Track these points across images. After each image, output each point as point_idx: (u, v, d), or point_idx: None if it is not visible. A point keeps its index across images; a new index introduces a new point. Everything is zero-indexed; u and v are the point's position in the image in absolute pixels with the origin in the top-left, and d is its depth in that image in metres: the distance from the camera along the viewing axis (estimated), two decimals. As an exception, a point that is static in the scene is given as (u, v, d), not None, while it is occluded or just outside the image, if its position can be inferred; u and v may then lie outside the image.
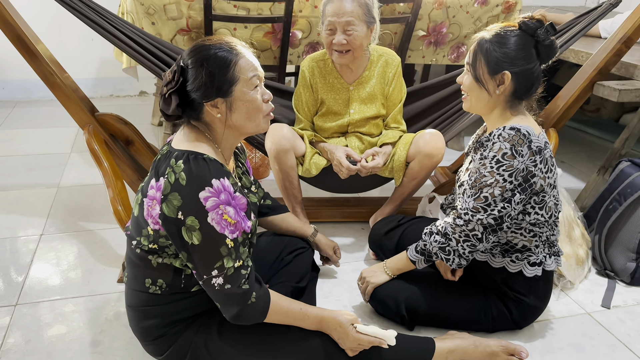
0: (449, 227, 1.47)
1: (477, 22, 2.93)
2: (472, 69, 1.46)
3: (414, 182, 2.03)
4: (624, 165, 2.02)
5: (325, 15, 1.90)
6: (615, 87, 2.02)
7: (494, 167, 1.39)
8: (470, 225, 1.43)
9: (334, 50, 1.92)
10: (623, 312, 1.77)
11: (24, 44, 1.83)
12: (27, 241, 2.05)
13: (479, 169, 1.43)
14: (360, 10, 1.86)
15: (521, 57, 1.41)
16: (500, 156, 1.39)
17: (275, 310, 1.26)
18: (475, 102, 1.50)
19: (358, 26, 1.87)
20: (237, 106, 1.24)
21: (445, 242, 1.47)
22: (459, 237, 1.45)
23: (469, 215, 1.43)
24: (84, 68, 3.90)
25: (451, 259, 1.48)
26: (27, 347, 1.50)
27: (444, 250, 1.48)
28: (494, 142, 1.41)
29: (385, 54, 2.06)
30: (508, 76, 1.41)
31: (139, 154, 2.09)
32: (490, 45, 1.42)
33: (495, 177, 1.39)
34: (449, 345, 1.45)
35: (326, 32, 1.90)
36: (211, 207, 1.15)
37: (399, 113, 2.12)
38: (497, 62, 1.41)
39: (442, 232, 1.48)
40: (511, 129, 1.39)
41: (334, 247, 1.82)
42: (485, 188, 1.41)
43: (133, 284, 1.32)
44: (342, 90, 2.04)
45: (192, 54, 1.21)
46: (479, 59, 1.44)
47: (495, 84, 1.44)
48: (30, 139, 3.15)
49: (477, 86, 1.46)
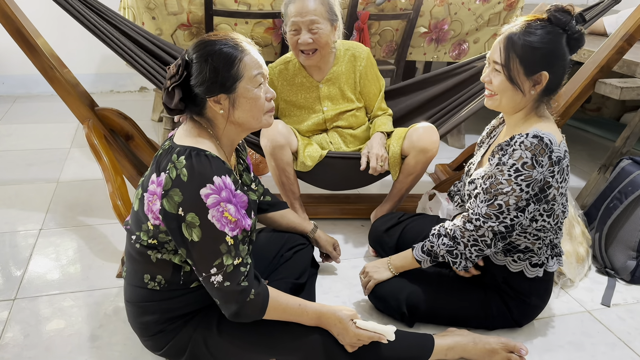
0: (458, 230, 1.45)
1: (479, 19, 2.92)
2: (506, 69, 1.38)
3: (410, 177, 2.02)
4: (625, 164, 2.02)
5: (288, 15, 1.91)
6: (617, 84, 2.01)
7: (512, 176, 1.35)
8: (480, 231, 1.41)
9: (300, 51, 1.93)
10: (623, 311, 1.77)
11: (24, 38, 1.83)
12: (26, 236, 2.04)
13: (496, 175, 1.39)
14: (323, 8, 1.88)
15: (557, 55, 1.35)
16: (520, 165, 1.34)
17: (274, 306, 1.25)
18: (507, 102, 1.43)
19: (322, 24, 1.88)
20: (240, 103, 1.23)
21: (454, 245, 1.46)
22: (468, 241, 1.43)
23: (480, 221, 1.40)
24: (85, 64, 3.90)
25: (458, 262, 1.47)
26: (25, 342, 1.50)
27: (451, 254, 1.47)
28: (514, 149, 1.35)
29: (352, 48, 2.06)
30: (546, 76, 1.36)
31: (138, 149, 2.09)
32: (524, 44, 1.34)
33: (512, 186, 1.35)
34: (449, 342, 1.44)
35: (291, 32, 1.91)
36: (212, 204, 1.15)
37: (382, 101, 2.13)
38: (535, 62, 1.35)
39: (451, 235, 1.46)
40: (534, 137, 1.34)
41: (333, 243, 1.81)
42: (500, 196, 1.37)
43: (132, 280, 1.32)
44: (312, 89, 2.06)
45: (197, 48, 1.21)
46: (513, 59, 1.36)
47: (531, 85, 1.38)
48: (30, 134, 3.15)
49: (512, 87, 1.39)
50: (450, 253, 1.47)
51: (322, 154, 2.00)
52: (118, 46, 1.90)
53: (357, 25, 2.67)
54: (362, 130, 2.13)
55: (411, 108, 2.25)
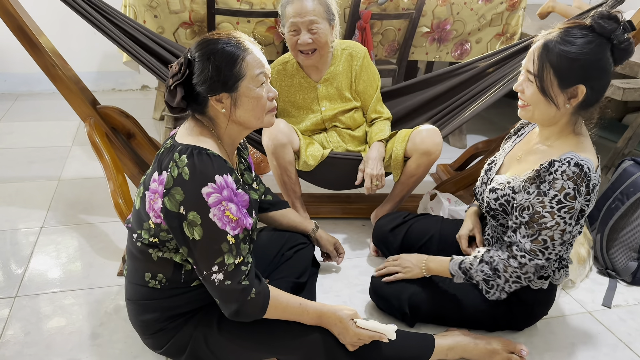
0: (502, 264, 1.38)
1: (481, 19, 2.92)
2: (539, 80, 1.28)
3: (412, 179, 2.02)
4: (626, 165, 2.01)
5: (286, 16, 1.90)
6: (619, 85, 2.01)
7: (555, 208, 1.28)
8: (524, 269, 1.36)
9: (299, 51, 1.93)
10: (624, 312, 1.77)
11: (26, 35, 1.83)
12: (27, 233, 2.04)
13: (535, 206, 1.31)
14: (322, 8, 1.88)
15: (598, 67, 1.23)
16: (562, 196, 1.27)
17: (274, 305, 1.25)
18: (540, 115, 1.34)
19: (321, 24, 1.88)
20: (242, 102, 1.23)
21: (493, 276, 1.40)
22: (510, 277, 1.38)
23: (525, 258, 1.34)
24: (87, 62, 3.90)
25: (492, 292, 1.43)
26: (26, 339, 1.50)
27: (487, 283, 1.42)
28: (555, 177, 1.27)
29: (349, 47, 2.06)
30: (582, 90, 1.25)
31: (140, 147, 2.09)
32: (561, 53, 1.23)
33: (556, 220, 1.29)
34: (449, 342, 1.44)
35: (290, 33, 1.91)
36: (213, 203, 1.15)
37: (378, 102, 2.11)
38: (570, 75, 1.24)
39: (493, 266, 1.39)
40: (576, 166, 1.25)
41: (334, 243, 1.81)
42: (544, 230, 1.30)
43: (133, 278, 1.32)
44: (310, 89, 2.06)
45: (200, 47, 1.21)
46: (547, 69, 1.26)
47: (565, 98, 1.28)
48: (32, 131, 3.15)
49: (544, 100, 1.29)
50: (486, 282, 1.42)
51: (324, 154, 1.99)
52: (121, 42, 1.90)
53: (359, 25, 2.67)
54: (361, 130, 2.13)
55: (413, 108, 2.25)
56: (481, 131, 3.50)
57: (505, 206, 1.41)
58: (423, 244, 1.79)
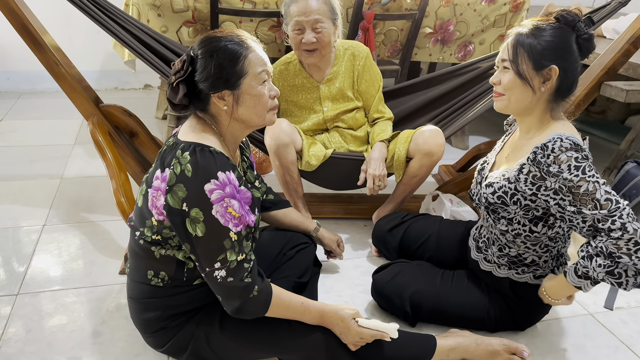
0: (610, 245, 1.23)
1: (485, 21, 2.92)
2: (514, 65, 1.35)
3: (414, 179, 2.02)
4: (629, 167, 2.01)
5: (290, 15, 1.90)
6: (622, 87, 2.01)
7: (580, 174, 1.25)
8: (629, 227, 1.21)
9: (303, 50, 1.93)
10: (626, 314, 1.76)
11: (30, 34, 1.83)
12: (29, 231, 2.05)
13: (566, 186, 1.27)
14: (326, 7, 1.89)
15: (567, 50, 1.32)
16: (574, 162, 1.26)
17: (276, 304, 1.25)
18: (516, 101, 1.38)
19: (325, 23, 1.89)
20: (244, 99, 1.23)
21: (613, 263, 1.24)
22: (628, 249, 1.21)
23: (616, 220, 1.22)
24: (89, 60, 3.90)
25: (624, 280, 1.24)
26: (27, 337, 1.50)
27: (612, 275, 1.24)
28: (556, 155, 1.27)
29: (352, 47, 2.06)
30: (555, 70, 1.32)
31: (142, 146, 2.09)
32: (533, 39, 1.32)
33: (590, 180, 1.25)
34: (451, 343, 1.44)
35: (294, 32, 1.91)
36: (216, 200, 1.15)
37: (380, 102, 2.12)
38: (543, 56, 1.32)
39: (606, 253, 1.24)
40: (567, 139, 1.28)
41: (337, 240, 1.81)
42: (595, 194, 1.24)
43: (135, 276, 1.32)
44: (312, 89, 2.06)
45: (203, 44, 1.21)
46: (521, 54, 1.34)
47: (540, 80, 1.35)
48: (34, 130, 3.15)
49: (521, 83, 1.35)
50: (611, 274, 1.24)
51: (326, 154, 1.99)
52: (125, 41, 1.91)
53: (362, 25, 2.67)
54: (363, 131, 2.13)
55: (415, 108, 2.25)
56: (483, 132, 3.50)
57: (503, 198, 1.42)
58: (421, 244, 1.80)
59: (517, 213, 1.42)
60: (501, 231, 1.49)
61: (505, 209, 1.43)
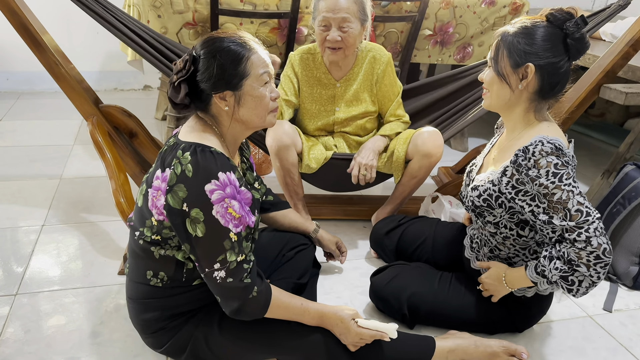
0: (572, 252, 1.25)
1: (484, 23, 2.92)
2: (494, 62, 1.37)
3: (413, 180, 2.01)
4: (628, 169, 2.01)
5: (318, 10, 1.88)
6: (622, 90, 2.01)
7: (556, 181, 1.26)
8: (593, 242, 1.23)
9: (326, 47, 1.91)
10: (625, 316, 1.76)
11: (30, 34, 1.83)
12: (28, 232, 2.04)
13: (541, 192, 1.29)
14: (356, 7, 1.85)
15: (547, 49, 1.31)
16: (553, 168, 1.26)
17: (276, 305, 1.25)
18: (496, 98, 1.41)
19: (353, 23, 1.85)
20: (246, 100, 1.24)
21: (570, 270, 1.26)
22: (588, 260, 1.24)
23: (582, 233, 1.24)
24: (89, 61, 3.90)
25: (575, 289, 1.28)
26: (26, 337, 1.50)
27: (565, 280, 1.28)
28: (536, 159, 1.28)
29: (374, 50, 2.03)
30: (532, 69, 1.32)
31: (142, 146, 2.09)
32: (514, 37, 1.33)
33: (565, 189, 1.25)
34: (450, 345, 1.44)
35: (320, 28, 1.88)
36: (216, 200, 1.15)
37: (398, 107, 2.09)
38: (520, 54, 1.32)
39: (566, 259, 1.27)
40: (549, 143, 1.27)
41: (336, 242, 1.81)
42: (567, 204, 1.25)
43: (134, 276, 1.32)
44: (329, 86, 2.04)
45: (205, 44, 1.21)
46: (502, 52, 1.36)
47: (517, 78, 1.35)
48: (34, 130, 3.15)
49: (499, 80, 1.37)
50: (564, 279, 1.28)
51: (327, 156, 1.99)
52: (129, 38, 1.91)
53: (362, 27, 2.67)
54: (369, 138, 2.12)
55: (415, 111, 2.25)
56: (482, 134, 3.51)
57: (489, 200, 1.42)
58: (417, 246, 1.80)
59: (502, 217, 1.42)
60: (490, 233, 1.50)
61: (491, 212, 1.44)
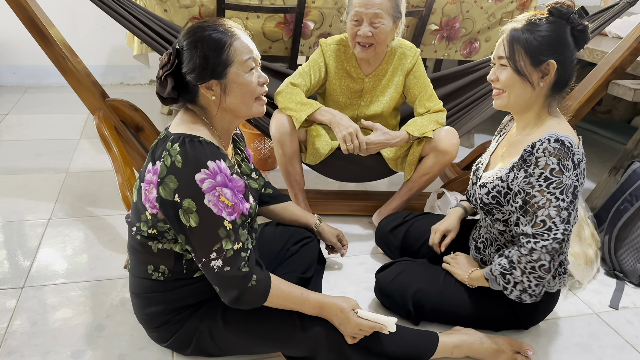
0: (515, 255, 1.33)
1: (491, 18, 2.90)
2: (512, 62, 1.34)
3: (425, 177, 2.00)
4: (636, 166, 2.00)
5: (352, 5, 1.85)
6: (630, 86, 2.00)
7: (543, 186, 1.27)
8: (535, 255, 1.29)
9: (357, 42, 1.88)
10: (631, 314, 1.76)
11: (37, 27, 1.83)
12: (34, 225, 2.05)
13: (525, 189, 1.31)
14: (389, 4, 1.82)
15: (563, 44, 1.32)
16: (548, 173, 1.27)
17: (275, 294, 1.25)
18: (515, 98, 1.38)
19: (385, 19, 1.82)
20: (232, 88, 1.23)
21: (509, 269, 1.34)
22: (524, 268, 1.31)
23: (531, 243, 1.29)
24: (95, 55, 3.91)
25: (509, 289, 1.36)
26: (33, 330, 1.51)
27: (503, 277, 1.36)
28: (538, 156, 1.29)
29: (403, 46, 2.00)
30: (553, 65, 1.32)
31: (148, 140, 2.09)
32: (528, 34, 1.32)
33: (547, 197, 1.27)
34: (455, 340, 1.44)
35: (352, 22, 1.86)
36: (207, 189, 1.15)
37: (428, 99, 1.99)
38: (540, 51, 1.31)
39: (509, 259, 1.34)
40: (556, 142, 1.27)
41: (337, 234, 1.79)
42: (539, 210, 1.28)
43: (136, 271, 1.32)
44: (358, 81, 2.02)
45: (187, 35, 1.21)
46: (518, 51, 1.33)
47: (539, 76, 1.34)
48: (40, 124, 3.16)
49: (520, 80, 1.35)
50: (503, 276, 1.35)
51: (333, 146, 1.98)
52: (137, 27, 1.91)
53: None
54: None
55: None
56: (489, 131, 3.49)
57: (498, 197, 1.41)
58: (422, 244, 1.79)
59: (512, 214, 1.41)
60: (499, 231, 1.49)
61: (500, 210, 1.43)
